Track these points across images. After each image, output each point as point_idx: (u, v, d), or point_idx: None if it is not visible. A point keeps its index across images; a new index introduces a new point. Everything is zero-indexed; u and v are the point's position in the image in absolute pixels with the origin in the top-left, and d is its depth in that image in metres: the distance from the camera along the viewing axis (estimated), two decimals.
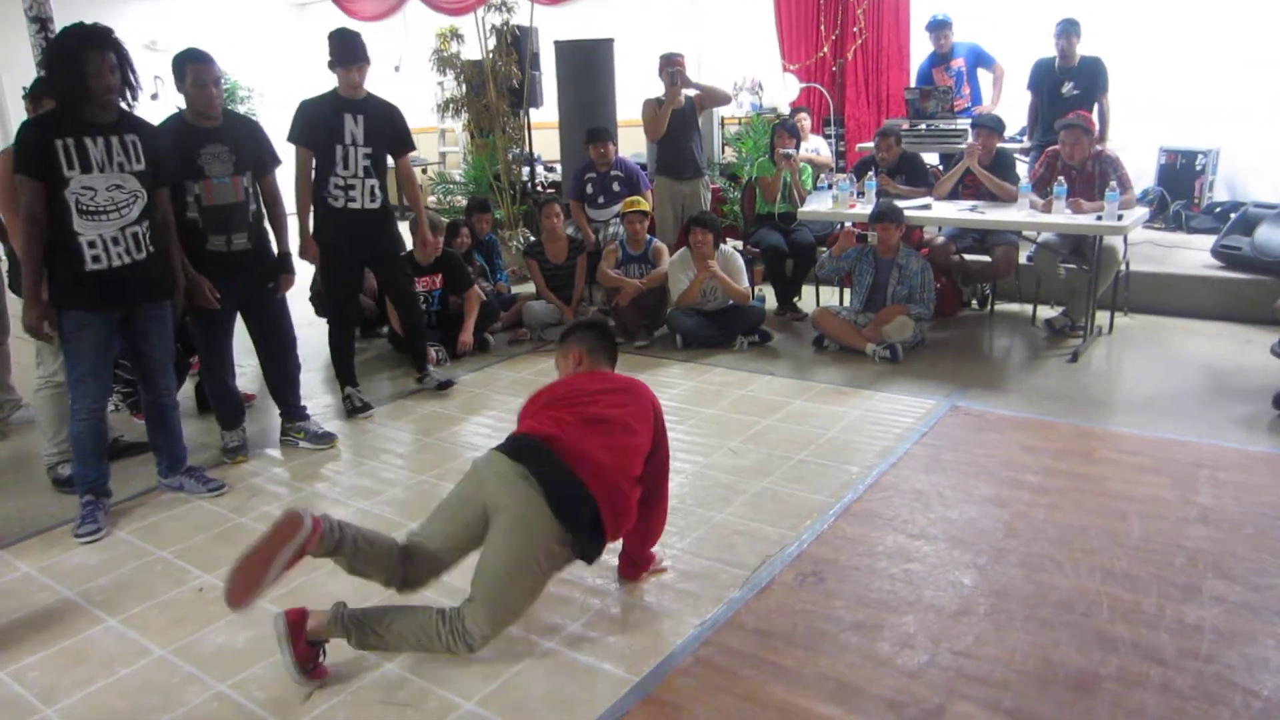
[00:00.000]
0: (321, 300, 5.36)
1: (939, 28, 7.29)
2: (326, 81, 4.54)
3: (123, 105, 3.50)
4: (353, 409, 4.82)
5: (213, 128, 3.89)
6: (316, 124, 4.51)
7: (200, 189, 3.87)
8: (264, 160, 4.13)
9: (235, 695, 2.59)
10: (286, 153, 4.40)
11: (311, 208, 4.61)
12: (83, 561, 3.40)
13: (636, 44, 8.64)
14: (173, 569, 3.32)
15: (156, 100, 9.16)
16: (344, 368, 4.88)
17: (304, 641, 2.54)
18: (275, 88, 11.31)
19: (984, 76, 7.49)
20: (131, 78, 3.48)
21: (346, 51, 4.45)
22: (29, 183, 3.30)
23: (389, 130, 4.65)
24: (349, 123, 4.50)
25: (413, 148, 4.86)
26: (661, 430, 2.92)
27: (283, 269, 4.25)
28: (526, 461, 2.59)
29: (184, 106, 3.92)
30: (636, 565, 3.05)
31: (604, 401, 2.81)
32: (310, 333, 5.58)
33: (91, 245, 3.40)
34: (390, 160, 4.74)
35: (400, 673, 2.65)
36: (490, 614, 2.56)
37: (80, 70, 3.31)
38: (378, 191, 4.63)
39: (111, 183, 3.41)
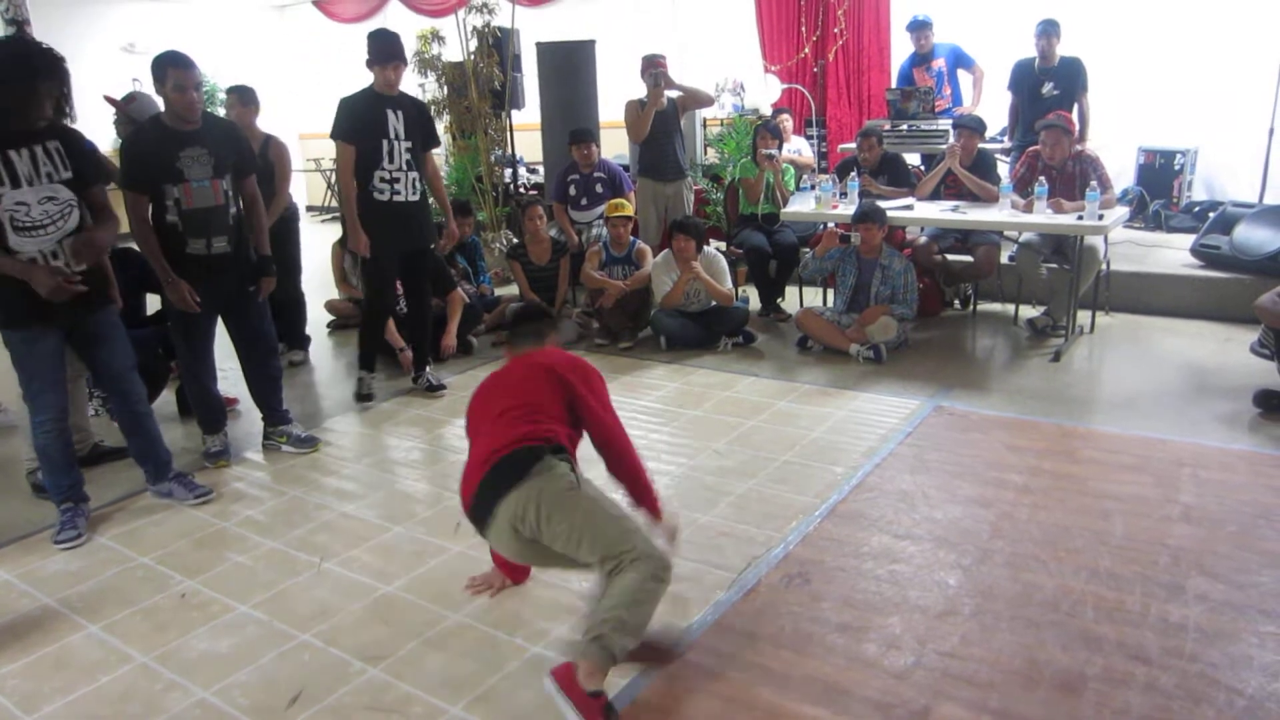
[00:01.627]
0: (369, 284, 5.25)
1: (919, 28, 7.32)
2: (307, 83, 4.54)
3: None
4: (359, 394, 5.03)
5: (191, 131, 3.85)
6: (363, 119, 4.62)
7: (180, 192, 3.82)
8: (243, 163, 4.09)
9: (218, 702, 2.57)
10: None
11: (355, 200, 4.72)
12: (63, 568, 3.37)
13: (618, 45, 8.63)
14: (154, 575, 3.29)
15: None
16: (368, 354, 5.10)
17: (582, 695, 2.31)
18: (255, 90, 11.25)
19: (964, 77, 7.52)
20: (67, 106, 3.41)
21: (386, 50, 4.63)
22: None
23: (424, 125, 4.83)
24: (391, 118, 4.65)
25: (439, 143, 5.05)
26: (572, 383, 2.78)
27: (263, 272, 4.21)
28: (495, 489, 2.60)
29: (162, 109, 3.89)
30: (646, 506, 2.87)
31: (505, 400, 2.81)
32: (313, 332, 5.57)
33: (30, 262, 3.31)
34: None
35: (385, 678, 2.63)
36: (608, 543, 2.47)
37: (27, 96, 3.24)
38: (418, 184, 4.79)
39: (43, 195, 3.32)
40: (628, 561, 2.42)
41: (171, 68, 3.76)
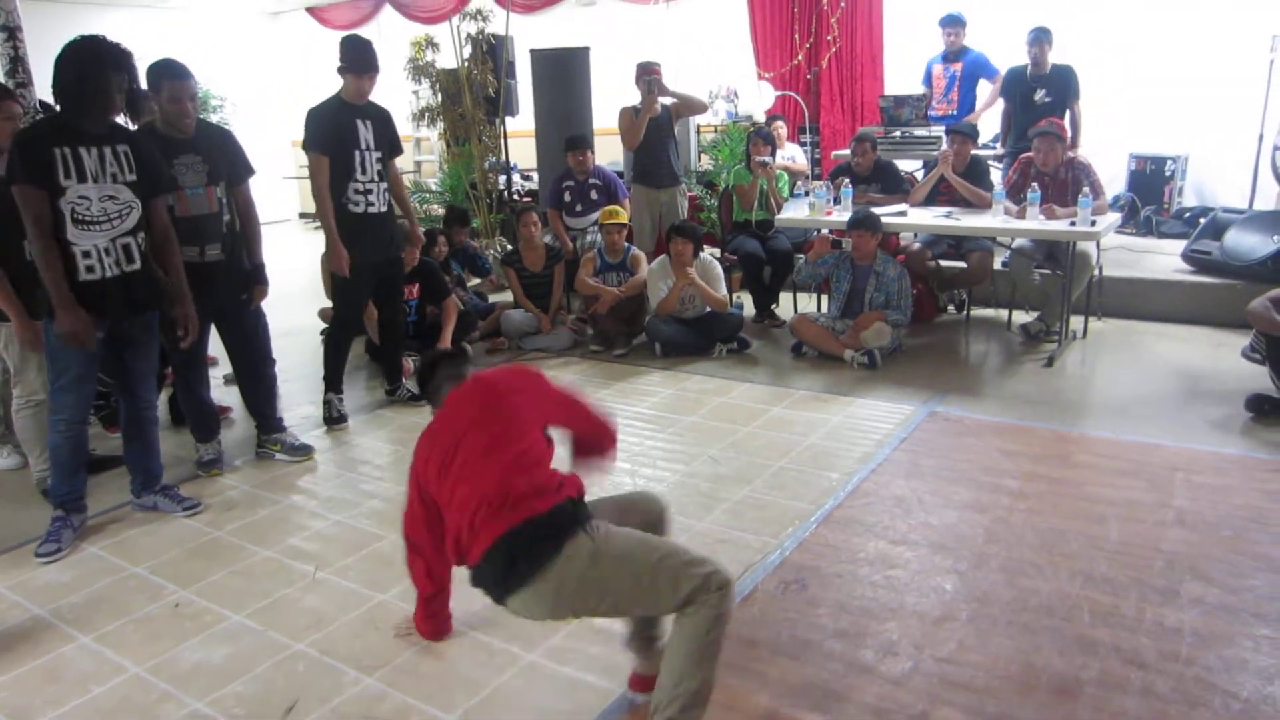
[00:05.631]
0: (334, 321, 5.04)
1: (952, 24, 7.20)
2: (301, 90, 4.51)
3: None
4: (329, 418, 4.79)
5: (185, 139, 3.86)
6: (335, 130, 4.52)
7: (174, 200, 3.82)
8: (237, 170, 4.09)
9: (212, 712, 2.55)
10: (259, 163, 4.36)
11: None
12: (54, 578, 3.34)
13: (612, 52, 8.64)
14: (147, 585, 3.27)
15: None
16: (334, 373, 4.86)
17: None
18: (248, 97, 11.24)
19: (984, 87, 7.44)
20: (135, 98, 3.51)
21: (362, 59, 4.51)
22: (35, 191, 3.24)
23: (389, 134, 4.73)
24: (361, 128, 4.55)
25: (402, 151, 4.95)
26: (544, 393, 2.52)
27: (256, 280, 4.20)
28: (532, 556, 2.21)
29: (157, 117, 3.89)
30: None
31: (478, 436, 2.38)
32: (288, 342, 5.54)
33: (86, 255, 3.35)
34: None
35: (381, 687, 2.62)
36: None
37: (103, 90, 3.32)
38: (385, 194, 4.70)
39: (105, 193, 3.37)
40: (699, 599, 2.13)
41: (166, 79, 3.78)
